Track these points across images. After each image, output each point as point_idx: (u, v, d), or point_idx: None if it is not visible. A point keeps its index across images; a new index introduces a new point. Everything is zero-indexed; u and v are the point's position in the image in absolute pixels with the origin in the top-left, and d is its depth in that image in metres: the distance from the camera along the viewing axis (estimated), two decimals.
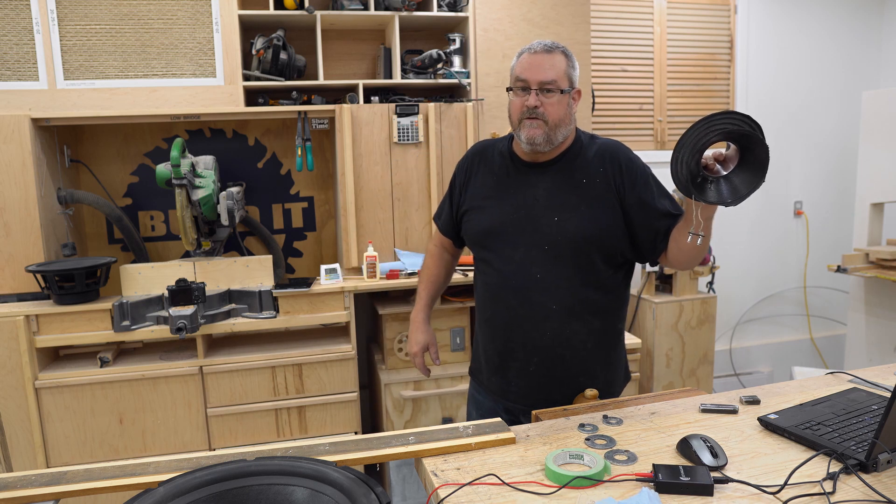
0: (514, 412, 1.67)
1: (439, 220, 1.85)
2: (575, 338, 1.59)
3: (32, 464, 2.39)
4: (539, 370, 1.61)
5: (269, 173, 3.07)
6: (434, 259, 1.89)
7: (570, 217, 1.55)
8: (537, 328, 1.59)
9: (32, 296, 2.47)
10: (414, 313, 1.87)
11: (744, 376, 4.11)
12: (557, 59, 1.53)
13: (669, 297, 3.36)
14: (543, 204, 1.58)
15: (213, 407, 2.53)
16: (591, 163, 1.59)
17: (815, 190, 4.17)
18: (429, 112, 2.74)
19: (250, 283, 2.60)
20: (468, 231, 1.70)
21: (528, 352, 1.61)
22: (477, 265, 1.73)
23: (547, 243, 1.56)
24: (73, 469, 1.17)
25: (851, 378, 1.57)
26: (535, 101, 1.51)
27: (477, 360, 1.78)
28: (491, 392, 1.71)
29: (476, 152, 1.74)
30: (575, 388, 1.62)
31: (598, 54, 3.58)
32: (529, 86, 1.52)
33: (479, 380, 1.76)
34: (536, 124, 1.52)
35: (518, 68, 1.55)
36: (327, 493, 1.00)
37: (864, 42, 4.16)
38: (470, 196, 1.70)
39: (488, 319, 1.67)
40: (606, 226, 1.55)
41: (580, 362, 1.62)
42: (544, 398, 1.60)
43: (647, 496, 1.01)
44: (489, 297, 1.67)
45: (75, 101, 2.53)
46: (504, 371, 1.66)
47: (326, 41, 2.88)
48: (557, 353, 1.60)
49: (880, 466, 1.10)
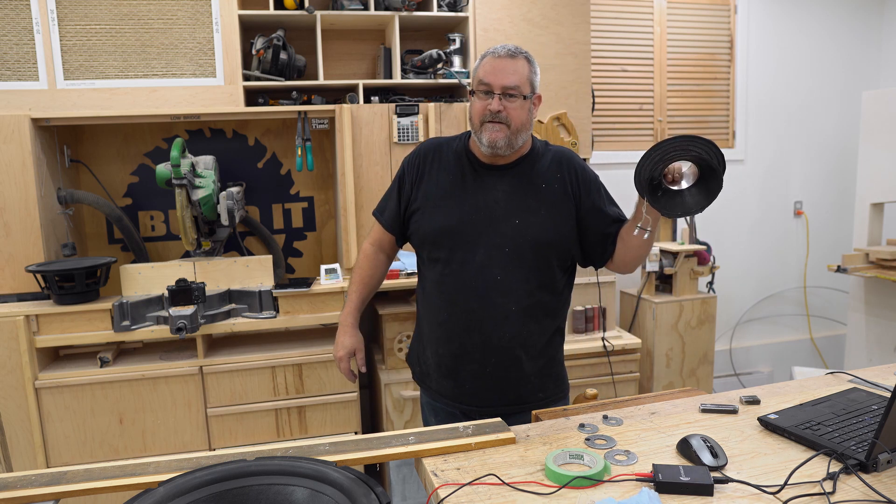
0: (470, 414, 1.65)
1: (382, 215, 1.77)
2: (531, 338, 1.62)
3: (32, 464, 2.39)
4: (495, 371, 1.62)
5: (269, 173, 3.07)
6: (369, 259, 1.81)
7: (532, 220, 1.59)
8: (497, 329, 1.59)
9: (32, 296, 2.47)
10: (343, 316, 1.79)
11: (744, 376, 4.11)
12: (521, 64, 1.55)
13: (669, 297, 3.36)
14: (504, 206, 1.59)
15: (213, 407, 2.53)
16: (548, 168, 1.64)
17: (815, 190, 4.17)
18: (429, 112, 2.74)
19: (250, 283, 2.60)
20: (420, 229, 1.66)
21: (486, 353, 1.61)
22: (427, 266, 1.68)
23: (507, 245, 1.58)
24: (73, 469, 1.17)
25: (851, 378, 1.57)
26: (499, 105, 1.52)
27: (423, 364, 1.74)
28: (441, 395, 1.70)
29: (429, 149, 1.71)
30: (529, 389, 1.65)
31: (598, 54, 3.58)
32: (493, 90, 1.53)
33: (428, 385, 1.73)
34: (499, 128, 1.54)
35: (481, 72, 1.56)
36: (327, 493, 1.01)
37: (864, 42, 4.16)
38: (423, 194, 1.66)
39: (443, 322, 1.64)
40: (565, 230, 1.61)
41: (534, 362, 1.64)
42: (498, 398, 1.63)
43: (647, 496, 1.01)
44: (443, 299, 1.63)
45: (75, 101, 2.53)
46: (457, 374, 1.65)
47: (326, 41, 2.88)
48: (515, 353, 1.61)
49: (880, 466, 1.10)
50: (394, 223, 1.74)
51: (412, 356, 1.82)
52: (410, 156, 1.73)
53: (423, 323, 1.74)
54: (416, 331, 1.80)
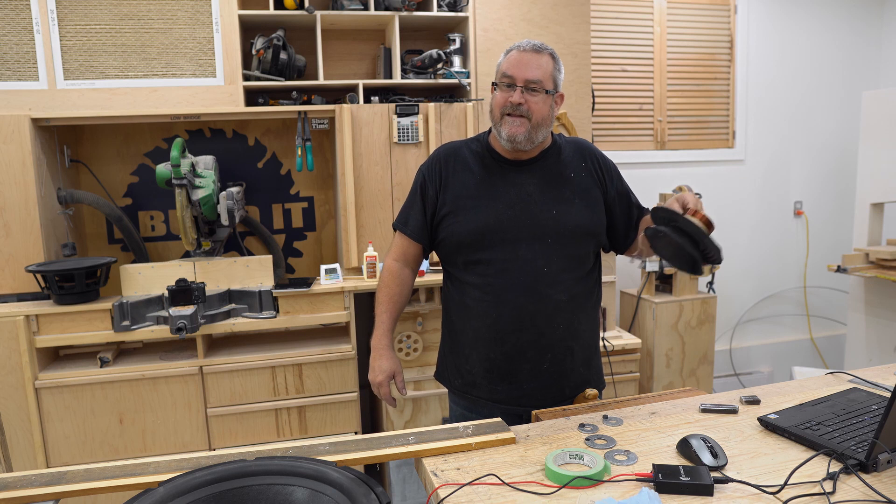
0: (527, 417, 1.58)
1: (406, 226, 1.70)
2: (580, 328, 1.62)
3: (32, 464, 2.39)
4: (552, 367, 1.60)
5: (269, 173, 3.07)
6: (394, 277, 1.72)
7: (568, 210, 1.59)
8: (550, 322, 1.58)
9: (32, 296, 2.47)
10: (375, 339, 1.68)
11: (744, 376, 4.11)
12: (545, 59, 1.56)
13: (669, 297, 3.36)
14: (538, 199, 1.59)
15: (213, 407, 2.52)
16: (572, 158, 1.66)
17: (815, 190, 4.17)
18: (429, 112, 2.74)
19: (250, 283, 2.60)
20: (455, 233, 1.61)
21: (541, 349, 1.59)
22: (465, 270, 1.63)
23: (549, 236, 1.57)
24: (73, 469, 1.17)
25: (851, 378, 1.57)
26: (520, 98, 1.53)
27: (468, 373, 1.66)
28: (496, 402, 1.64)
29: (447, 153, 1.68)
30: (578, 381, 1.64)
31: (598, 54, 3.58)
32: (515, 83, 1.54)
33: (475, 395, 1.66)
34: (519, 122, 1.54)
35: (505, 65, 1.57)
36: (327, 493, 1.00)
37: (864, 42, 4.16)
38: (452, 198, 1.62)
39: (492, 324, 1.59)
40: (599, 217, 1.63)
41: (583, 352, 1.64)
42: (555, 395, 1.61)
43: (647, 496, 1.01)
44: (489, 300, 1.59)
45: (75, 101, 2.53)
46: (514, 375, 1.60)
47: (326, 41, 2.88)
48: (568, 345, 1.61)
49: (880, 466, 1.10)
50: (421, 232, 1.68)
51: (447, 370, 1.74)
52: (428, 163, 1.70)
53: (464, 330, 1.66)
54: (450, 342, 1.72)
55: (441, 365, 1.78)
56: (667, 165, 3.82)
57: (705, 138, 3.93)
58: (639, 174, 3.75)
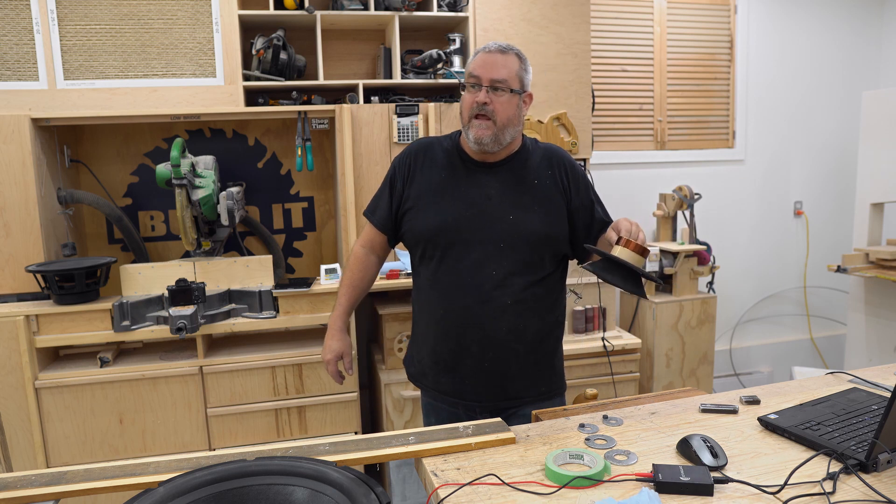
0: (471, 410, 1.67)
1: (373, 215, 1.77)
2: (527, 332, 1.64)
3: (32, 464, 2.39)
4: (493, 366, 1.63)
5: (269, 173, 3.07)
6: (359, 262, 1.81)
7: (525, 216, 1.61)
8: (494, 323, 1.61)
9: (32, 296, 2.47)
10: (332, 319, 1.80)
11: (744, 376, 4.11)
12: (510, 59, 1.58)
13: (669, 297, 3.36)
14: (497, 202, 1.61)
15: (213, 407, 2.52)
16: (539, 165, 1.67)
17: (815, 190, 4.17)
18: (429, 112, 2.74)
19: (250, 283, 2.60)
20: (414, 228, 1.67)
21: (483, 348, 1.62)
22: (422, 264, 1.70)
23: (502, 241, 1.60)
24: (73, 469, 1.17)
25: (851, 378, 1.57)
26: (485, 97, 1.55)
27: (419, 363, 1.75)
28: (443, 393, 1.71)
29: (419, 148, 1.72)
30: (525, 382, 1.66)
31: (598, 54, 3.58)
32: (481, 83, 1.56)
33: (426, 384, 1.75)
34: (486, 125, 1.56)
35: (472, 65, 1.59)
36: (327, 493, 1.00)
37: (864, 42, 4.16)
38: (415, 193, 1.67)
39: (440, 319, 1.65)
40: (557, 226, 1.64)
41: (532, 355, 1.66)
42: (500, 393, 1.65)
43: (647, 496, 1.01)
44: (439, 296, 1.65)
45: (75, 101, 2.53)
46: (457, 370, 1.66)
47: (326, 41, 2.88)
48: (511, 347, 1.63)
49: (880, 466, 1.10)
50: (386, 222, 1.74)
51: (407, 357, 1.83)
52: (401, 155, 1.74)
53: (419, 322, 1.75)
54: (413, 331, 1.80)
55: (407, 351, 1.85)
56: (667, 165, 3.82)
57: (705, 138, 3.93)
58: (639, 174, 3.76)
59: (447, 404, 1.71)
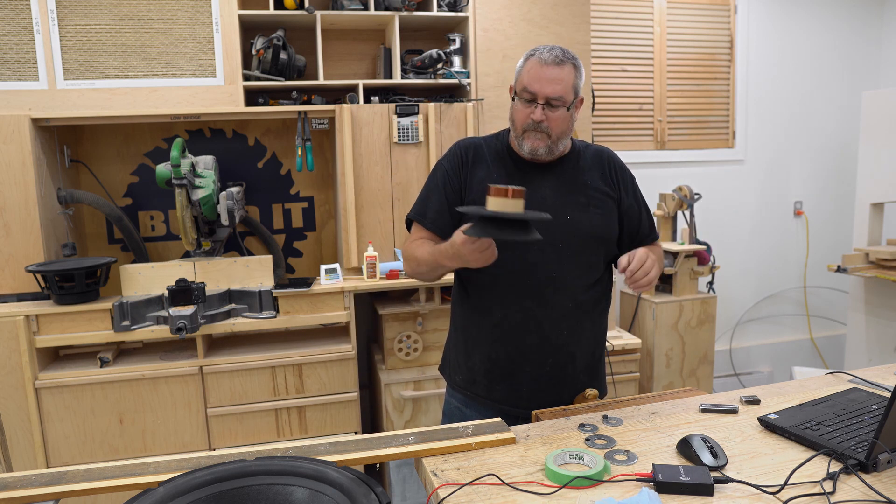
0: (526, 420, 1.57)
1: (424, 218, 1.62)
2: (584, 335, 1.61)
3: (32, 464, 2.39)
4: (552, 371, 1.60)
5: (269, 173, 3.07)
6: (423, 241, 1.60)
7: (582, 216, 1.58)
8: (555, 327, 1.57)
9: (32, 296, 2.47)
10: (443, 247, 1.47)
11: (744, 376, 4.11)
12: (566, 71, 1.50)
13: (669, 297, 3.36)
14: (553, 202, 1.57)
15: (213, 407, 2.52)
16: (591, 165, 1.64)
17: (815, 190, 4.17)
18: (429, 112, 2.74)
19: (250, 283, 2.60)
20: None
21: (543, 353, 1.58)
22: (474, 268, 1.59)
23: (560, 241, 1.56)
24: (73, 469, 1.17)
25: (851, 378, 1.57)
26: (541, 115, 1.49)
27: (469, 370, 1.66)
28: (494, 401, 1.63)
29: (468, 146, 1.65)
30: (578, 387, 1.63)
31: (598, 54, 3.58)
32: (536, 99, 1.50)
33: (474, 392, 1.66)
34: (540, 137, 1.52)
35: (526, 77, 1.51)
36: (327, 493, 1.00)
37: (864, 42, 4.16)
38: (478, 183, 1.59)
39: (497, 323, 1.59)
40: (611, 226, 1.62)
41: (585, 359, 1.64)
42: (554, 399, 1.60)
43: (647, 496, 1.01)
44: (495, 299, 1.59)
45: (75, 101, 2.53)
46: (514, 376, 1.60)
47: (326, 41, 2.88)
48: (570, 351, 1.60)
49: (880, 466, 1.10)
50: (443, 223, 1.59)
51: (449, 365, 1.74)
52: (449, 155, 1.65)
53: (468, 327, 1.66)
54: (455, 337, 1.72)
55: (445, 359, 1.79)
56: (667, 165, 3.82)
57: (705, 138, 3.93)
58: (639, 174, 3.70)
59: (496, 412, 1.61)
